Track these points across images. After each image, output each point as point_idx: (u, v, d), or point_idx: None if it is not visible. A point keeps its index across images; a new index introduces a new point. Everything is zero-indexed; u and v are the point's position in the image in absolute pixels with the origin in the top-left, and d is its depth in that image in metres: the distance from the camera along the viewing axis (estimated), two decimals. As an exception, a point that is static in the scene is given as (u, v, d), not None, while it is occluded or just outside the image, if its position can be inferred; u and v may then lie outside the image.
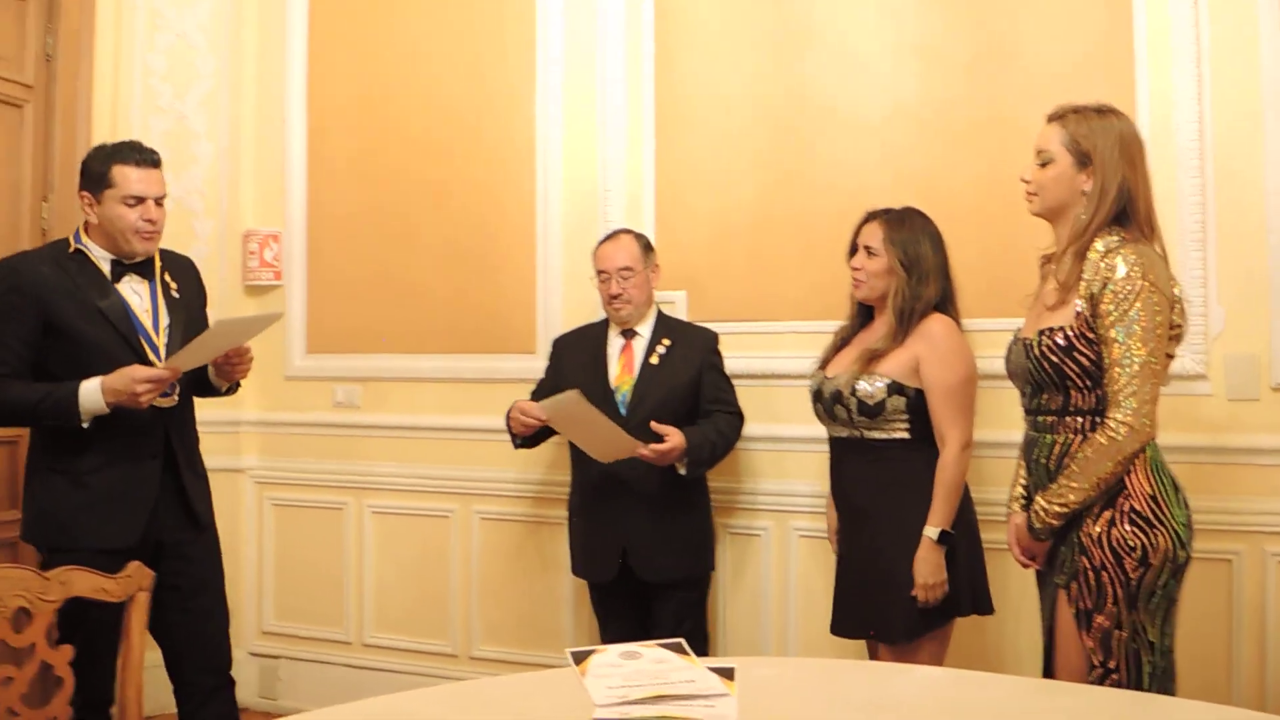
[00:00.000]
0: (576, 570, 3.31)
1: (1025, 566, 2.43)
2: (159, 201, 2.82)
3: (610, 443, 2.96)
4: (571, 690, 1.76)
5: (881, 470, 2.73)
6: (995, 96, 3.16)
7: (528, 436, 3.17)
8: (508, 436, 3.23)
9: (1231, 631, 2.87)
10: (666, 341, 3.21)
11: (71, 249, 2.80)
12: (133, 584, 1.86)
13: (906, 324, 2.71)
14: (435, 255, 3.90)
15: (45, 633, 1.74)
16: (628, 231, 3.31)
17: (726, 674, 1.82)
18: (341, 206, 4.06)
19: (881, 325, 2.77)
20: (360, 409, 4.02)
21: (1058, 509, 2.23)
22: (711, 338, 3.25)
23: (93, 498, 2.71)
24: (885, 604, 2.67)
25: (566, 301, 3.68)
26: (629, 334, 3.24)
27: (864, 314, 2.89)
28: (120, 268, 2.82)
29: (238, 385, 3.04)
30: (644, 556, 3.09)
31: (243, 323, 3.01)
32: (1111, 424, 2.17)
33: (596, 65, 3.65)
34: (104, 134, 3.74)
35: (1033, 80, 3.09)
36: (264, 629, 4.11)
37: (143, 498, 2.76)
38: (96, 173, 2.78)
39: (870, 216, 2.83)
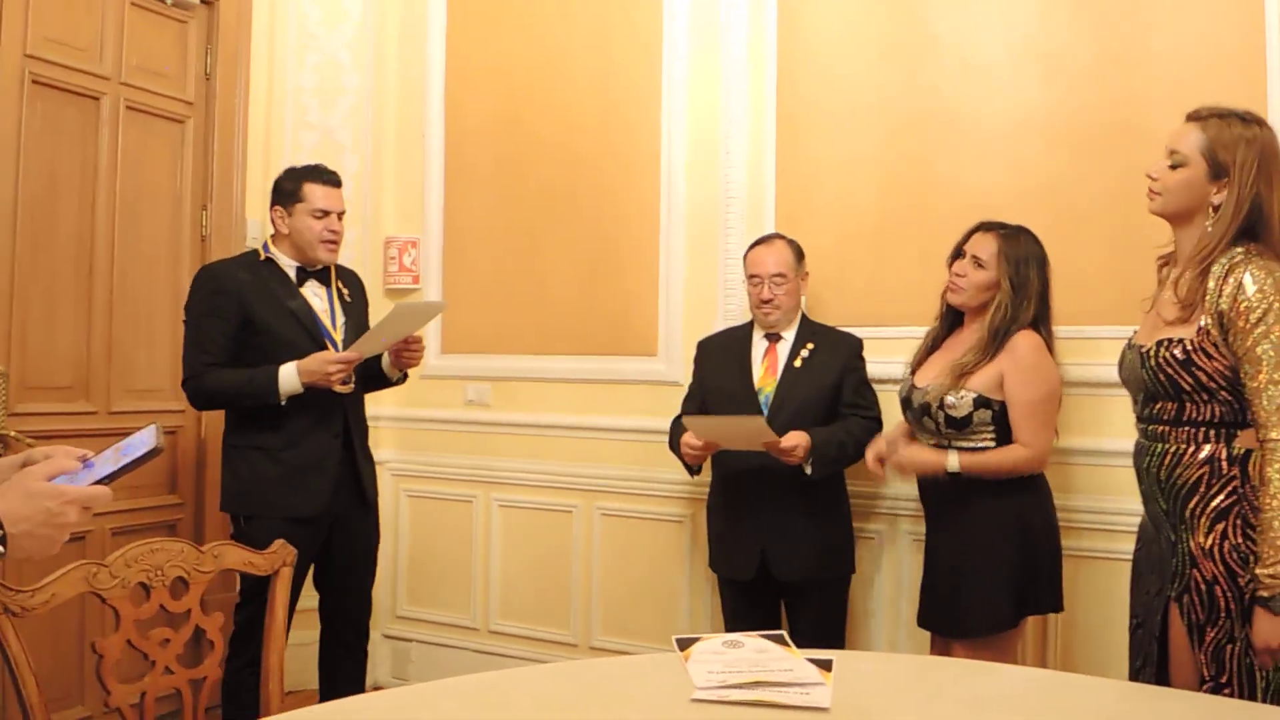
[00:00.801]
0: (715, 566, 3.31)
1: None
2: (340, 216, 3.17)
3: (750, 433, 2.97)
4: (674, 673, 1.85)
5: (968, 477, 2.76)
6: (1120, 101, 3.12)
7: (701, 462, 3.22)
8: (630, 436, 3.34)
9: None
10: (810, 345, 3.20)
11: (262, 258, 3.16)
12: (277, 559, 2.03)
13: (999, 340, 2.73)
14: (563, 260, 4.02)
15: (200, 600, 1.92)
16: (781, 237, 3.31)
17: (824, 665, 1.88)
18: (476, 214, 4.23)
19: (971, 335, 2.79)
20: (490, 407, 4.18)
21: None
22: (856, 343, 3.24)
23: (285, 471, 3.05)
24: (962, 600, 2.72)
25: (688, 305, 3.76)
26: (773, 337, 3.24)
27: (952, 317, 2.91)
28: (304, 274, 3.18)
29: (406, 375, 3.36)
30: (783, 556, 3.09)
31: (417, 308, 3.30)
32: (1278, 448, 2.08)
33: (721, 74, 3.71)
34: (258, 148, 4.01)
35: (1159, 84, 3.04)
36: (398, 613, 4.30)
37: (327, 471, 3.10)
38: (288, 189, 3.15)
39: (983, 228, 2.84)
